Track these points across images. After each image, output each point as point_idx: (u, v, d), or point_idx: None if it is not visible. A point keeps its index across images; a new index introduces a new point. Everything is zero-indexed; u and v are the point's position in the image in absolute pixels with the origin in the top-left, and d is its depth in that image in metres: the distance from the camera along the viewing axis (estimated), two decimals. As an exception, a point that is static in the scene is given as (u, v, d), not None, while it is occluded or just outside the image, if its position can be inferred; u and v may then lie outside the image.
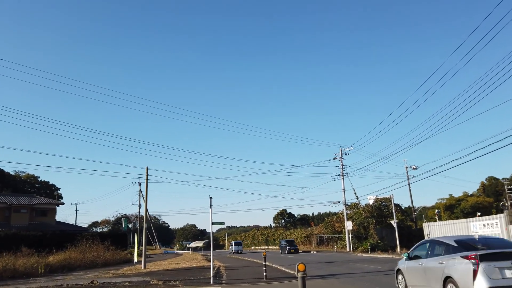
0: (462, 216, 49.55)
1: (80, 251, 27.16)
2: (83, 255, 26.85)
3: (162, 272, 19.72)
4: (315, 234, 55.33)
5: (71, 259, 25.40)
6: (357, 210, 46.96)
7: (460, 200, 66.08)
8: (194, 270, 19.94)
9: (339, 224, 48.75)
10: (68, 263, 24.81)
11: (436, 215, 36.83)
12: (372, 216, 44.69)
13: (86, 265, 25.87)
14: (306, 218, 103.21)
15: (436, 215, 36.83)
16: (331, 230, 50.87)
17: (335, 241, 48.47)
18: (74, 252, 26.57)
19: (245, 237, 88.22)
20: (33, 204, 46.20)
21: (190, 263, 25.30)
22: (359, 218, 45.41)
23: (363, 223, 45.19)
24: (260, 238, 78.11)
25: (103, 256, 28.66)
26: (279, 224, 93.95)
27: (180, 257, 37.21)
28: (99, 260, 27.45)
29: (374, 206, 45.44)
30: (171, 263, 26.48)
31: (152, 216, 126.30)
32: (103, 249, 29.78)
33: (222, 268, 22.22)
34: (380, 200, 46.29)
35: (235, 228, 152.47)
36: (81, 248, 27.45)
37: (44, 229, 42.89)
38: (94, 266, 26.22)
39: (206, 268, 21.32)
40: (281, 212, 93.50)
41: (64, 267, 23.95)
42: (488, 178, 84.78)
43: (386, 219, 46.64)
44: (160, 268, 22.12)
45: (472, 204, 63.32)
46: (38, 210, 47.50)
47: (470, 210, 61.44)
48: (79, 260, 25.99)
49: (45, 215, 47.99)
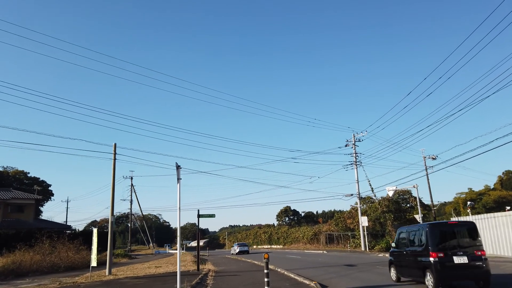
0: (484, 212, 44.16)
1: (38, 252, 21.92)
2: (43, 257, 21.62)
3: (127, 281, 14.47)
4: (323, 232, 49.96)
5: (23, 262, 20.18)
6: (372, 204, 41.62)
7: (481, 194, 60.57)
8: (171, 278, 14.67)
9: (351, 220, 43.33)
10: (18, 266, 19.63)
11: (469, 207, 31.36)
12: (389, 210, 39.34)
13: (44, 269, 20.69)
14: (311, 215, 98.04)
15: (469, 207, 31.36)
16: (342, 227, 45.48)
17: (347, 239, 43.12)
18: (28, 254, 21.30)
19: (246, 236, 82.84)
20: (7, 198, 41.10)
21: (173, 267, 20.03)
22: (374, 213, 40.10)
23: (379, 219, 39.88)
24: (263, 236, 72.70)
25: (72, 258, 23.50)
26: (282, 222, 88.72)
27: (167, 259, 32.04)
28: (64, 263, 22.24)
29: (391, 200, 40.06)
30: (150, 267, 21.24)
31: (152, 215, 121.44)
32: (73, 250, 24.62)
33: (212, 273, 16.95)
34: (398, 193, 40.87)
35: (237, 227, 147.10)
36: (37, 249, 22.20)
37: (19, 227, 38.00)
38: (55, 270, 21.06)
39: (190, 274, 16.07)
40: (285, 209, 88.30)
41: (11, 273, 18.78)
42: (505, 172, 79.52)
43: (405, 214, 41.27)
44: (128, 275, 16.87)
45: (495, 198, 57.90)
46: (13, 206, 42.47)
47: (493, 205, 56.18)
48: (35, 263, 20.79)
49: (21, 211, 42.94)
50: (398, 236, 12.81)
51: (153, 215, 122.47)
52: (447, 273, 9.69)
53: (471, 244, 10.18)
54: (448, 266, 9.66)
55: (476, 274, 9.82)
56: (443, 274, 9.61)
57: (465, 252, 9.88)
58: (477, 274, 9.83)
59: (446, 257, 9.73)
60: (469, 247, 10.07)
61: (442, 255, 9.73)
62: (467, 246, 10.12)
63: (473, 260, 9.74)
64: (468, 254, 9.84)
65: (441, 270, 9.59)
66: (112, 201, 18.27)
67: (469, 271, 9.79)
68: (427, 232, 10.27)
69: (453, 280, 10.18)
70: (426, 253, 10.08)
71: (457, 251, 9.89)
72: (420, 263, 10.36)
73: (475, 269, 9.73)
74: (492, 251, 23.94)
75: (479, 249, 10.02)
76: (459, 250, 9.93)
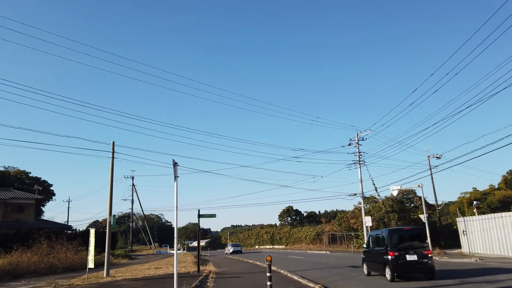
0: (489, 212, 43.43)
1: (36, 253, 21.44)
2: (40, 258, 21.16)
3: (124, 284, 13.99)
4: (326, 232, 49.38)
5: (20, 263, 19.72)
6: (375, 204, 41.03)
7: (485, 193, 59.63)
8: (170, 280, 14.17)
9: (354, 220, 42.78)
10: (14, 268, 19.17)
11: (475, 207, 30.75)
12: (393, 210, 38.76)
13: (42, 270, 20.23)
14: (314, 215, 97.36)
15: (475, 207, 30.75)
16: (345, 227, 44.89)
17: (350, 240, 42.54)
18: (25, 255, 20.83)
19: (248, 236, 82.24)
20: (7, 198, 40.70)
21: (173, 268, 19.49)
22: (378, 213, 39.53)
23: (383, 219, 39.30)
24: (265, 236, 72.12)
25: (70, 259, 23.04)
26: (285, 222, 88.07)
27: (168, 259, 31.53)
28: (62, 264, 21.77)
29: (395, 200, 39.47)
30: (149, 268, 20.75)
31: (154, 215, 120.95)
32: (72, 250, 24.17)
33: (213, 275, 16.46)
34: (402, 192, 40.26)
35: (239, 227, 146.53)
36: (35, 250, 21.73)
37: (18, 227, 37.62)
38: (53, 271, 20.59)
39: (190, 276, 15.58)
40: (287, 209, 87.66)
41: (7, 274, 18.33)
42: (510, 171, 78.57)
43: (410, 214, 40.64)
44: (127, 276, 16.39)
45: (500, 198, 56.98)
46: (13, 206, 42.07)
47: (499, 205, 55.33)
48: (33, 264, 20.33)
49: (21, 211, 42.54)
50: (369, 238, 15.43)
51: (155, 215, 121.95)
52: (401, 268, 12.29)
53: (420, 245, 12.75)
54: (401, 263, 12.22)
55: (424, 268, 12.49)
56: (398, 268, 12.26)
57: (415, 252, 12.42)
58: (424, 269, 12.50)
59: (401, 255, 12.30)
60: (419, 248, 12.62)
61: (398, 254, 12.33)
62: (417, 247, 12.62)
63: (422, 258, 12.35)
64: (418, 253, 12.40)
65: (396, 265, 12.23)
66: (110, 200, 17.80)
67: (418, 266, 12.44)
68: (387, 236, 12.94)
69: (405, 273, 12.67)
70: (386, 252, 12.67)
71: (409, 251, 12.43)
72: (382, 260, 12.95)
73: (423, 264, 12.35)
74: (500, 251, 23.30)
75: (426, 250, 12.68)
76: (411, 250, 12.47)
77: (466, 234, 27.38)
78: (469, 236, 26.93)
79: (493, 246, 24.26)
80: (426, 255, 12.43)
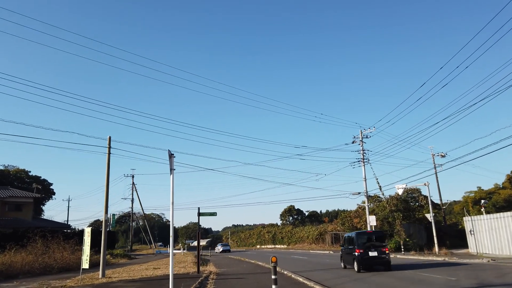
0: (495, 211, 42.60)
1: (31, 252, 20.74)
2: (35, 257, 20.45)
3: (119, 285, 13.26)
4: (329, 231, 48.58)
5: (13, 263, 19.01)
6: (380, 203, 40.22)
7: (490, 193, 58.76)
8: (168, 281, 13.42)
9: (358, 220, 41.97)
10: (8, 268, 18.46)
11: (482, 206, 29.91)
12: (398, 209, 37.93)
13: (36, 270, 19.51)
14: (316, 215, 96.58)
15: (482, 206, 29.91)
16: (349, 226, 44.06)
17: (353, 239, 41.77)
18: (19, 254, 20.12)
19: (250, 236, 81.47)
20: (5, 197, 40.05)
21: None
22: (382, 212, 38.68)
23: (387, 218, 38.46)
24: (267, 236, 71.30)
25: (66, 259, 22.34)
26: (286, 221, 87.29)
27: (167, 259, 30.75)
28: (58, 264, 21.07)
29: (399, 199, 38.66)
30: (148, 268, 20.03)
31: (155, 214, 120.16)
32: (68, 250, 23.47)
33: (213, 276, 15.72)
34: (406, 191, 39.46)
35: (241, 226, 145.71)
36: (30, 249, 21.02)
37: (16, 226, 36.96)
38: (48, 272, 19.88)
39: (189, 277, 14.85)
40: (288, 209, 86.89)
41: (0, 274, 17.61)
42: (514, 171, 77.73)
43: (414, 213, 39.86)
44: (123, 277, 15.66)
45: (506, 197, 56.12)
46: (11, 204, 41.42)
47: (504, 204, 54.52)
48: (27, 264, 19.62)
49: (19, 210, 41.88)
50: (344, 238, 19.36)
51: (156, 214, 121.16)
52: (365, 262, 15.74)
53: (380, 244, 16.32)
54: (365, 258, 15.69)
55: (382, 262, 16.00)
56: (362, 262, 15.71)
57: (376, 249, 15.87)
58: (383, 262, 16.02)
59: (365, 252, 15.72)
60: (379, 246, 16.13)
61: (362, 251, 15.76)
62: (377, 245, 16.12)
63: (381, 254, 15.83)
64: (378, 250, 15.87)
65: (361, 260, 15.69)
66: (106, 198, 17.07)
67: (378, 260, 15.90)
68: (355, 237, 16.67)
69: (368, 265, 15.95)
70: (354, 249, 16.12)
71: (371, 248, 15.88)
72: (352, 255, 16.37)
73: (381, 259, 15.88)
74: (509, 251, 22.49)
75: (384, 248, 16.23)
76: (372, 248, 15.92)
77: (473, 234, 26.54)
78: (477, 236, 26.10)
79: (502, 246, 23.42)
80: (384, 251, 15.89)
